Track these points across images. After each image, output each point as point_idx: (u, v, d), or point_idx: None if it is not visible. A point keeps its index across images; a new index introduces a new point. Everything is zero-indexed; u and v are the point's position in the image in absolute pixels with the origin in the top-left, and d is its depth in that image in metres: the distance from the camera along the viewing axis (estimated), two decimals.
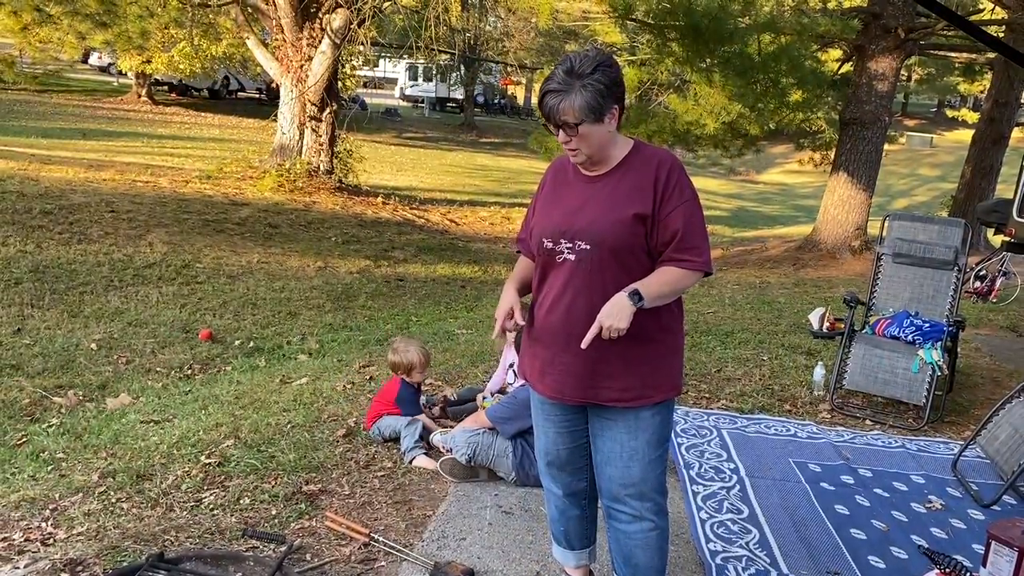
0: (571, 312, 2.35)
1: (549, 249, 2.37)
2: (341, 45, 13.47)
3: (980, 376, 5.99)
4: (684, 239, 2.28)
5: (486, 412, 3.76)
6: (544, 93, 2.24)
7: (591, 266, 2.31)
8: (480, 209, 16.62)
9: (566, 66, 2.22)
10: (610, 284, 2.28)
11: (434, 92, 41.14)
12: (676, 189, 2.29)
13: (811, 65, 10.78)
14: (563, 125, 2.24)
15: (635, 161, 2.34)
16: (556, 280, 2.39)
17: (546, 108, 2.24)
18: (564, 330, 2.37)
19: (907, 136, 38.56)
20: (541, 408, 2.60)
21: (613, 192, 2.32)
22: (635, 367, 2.36)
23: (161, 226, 9.89)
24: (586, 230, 2.30)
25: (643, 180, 2.30)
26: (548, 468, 2.67)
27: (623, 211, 2.28)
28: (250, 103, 29.88)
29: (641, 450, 2.42)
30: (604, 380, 2.37)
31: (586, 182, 2.38)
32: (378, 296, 9.07)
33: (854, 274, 10.47)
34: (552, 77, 2.23)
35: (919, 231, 5.46)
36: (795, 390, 5.30)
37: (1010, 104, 13.41)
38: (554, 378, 2.44)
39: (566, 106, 2.20)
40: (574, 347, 2.33)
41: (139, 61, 22.10)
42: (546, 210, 2.45)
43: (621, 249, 2.29)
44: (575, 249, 2.32)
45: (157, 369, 6.25)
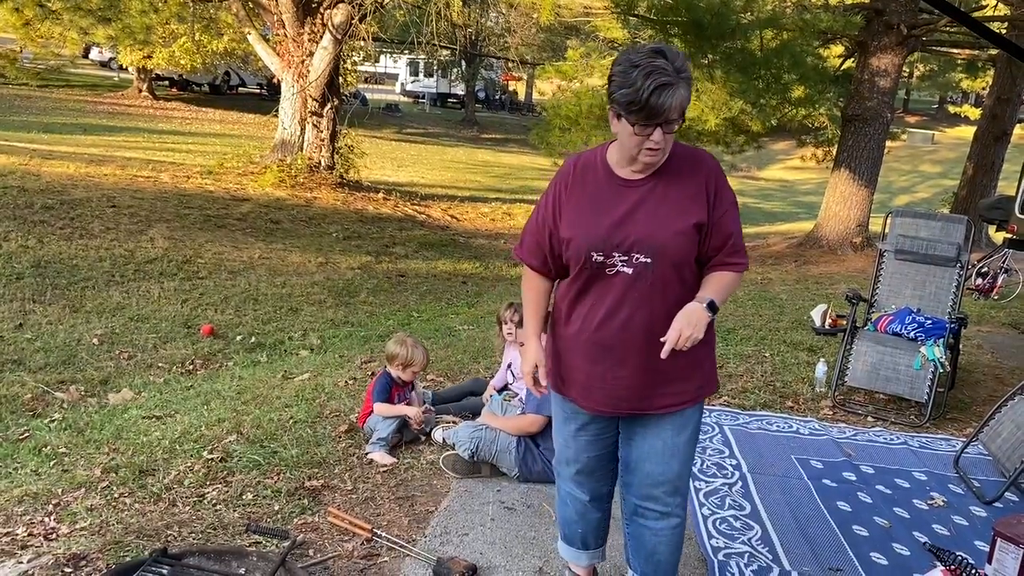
0: (628, 327, 2.24)
1: (599, 263, 2.22)
2: (342, 40, 13.44)
3: (982, 373, 5.99)
4: (736, 242, 2.24)
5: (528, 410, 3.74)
6: (655, 87, 1.99)
7: (650, 279, 2.20)
8: (481, 205, 16.61)
9: (667, 56, 2.02)
10: (670, 296, 2.20)
11: (435, 88, 41.11)
12: (724, 191, 2.23)
13: (813, 61, 10.76)
14: (666, 122, 2.05)
15: (678, 163, 2.22)
16: (607, 294, 2.25)
17: (660, 104, 2.00)
18: (620, 345, 2.27)
19: (909, 133, 38.47)
20: (575, 420, 2.49)
21: (665, 199, 2.19)
22: (686, 372, 2.32)
23: (162, 221, 9.88)
24: (645, 242, 2.17)
25: (695, 186, 2.19)
26: (576, 476, 2.58)
27: (684, 221, 2.17)
28: (251, 99, 29.84)
29: (682, 447, 2.39)
30: (659, 388, 2.31)
31: (625, 186, 2.23)
32: (379, 292, 9.06)
33: (856, 270, 10.45)
34: (658, 69, 1.99)
35: (921, 228, 5.45)
36: (797, 387, 5.30)
37: (1012, 101, 13.38)
38: (605, 393, 2.35)
39: (678, 101, 2.02)
40: (632, 361, 2.27)
41: (140, 56, 22.07)
42: (587, 218, 2.25)
43: (681, 261, 2.20)
44: (631, 262, 2.19)
45: (159, 364, 6.25)
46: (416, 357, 4.09)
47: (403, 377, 4.11)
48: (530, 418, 3.69)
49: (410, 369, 4.10)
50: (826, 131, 14.76)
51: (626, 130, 2.10)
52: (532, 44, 30.97)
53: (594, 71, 13.07)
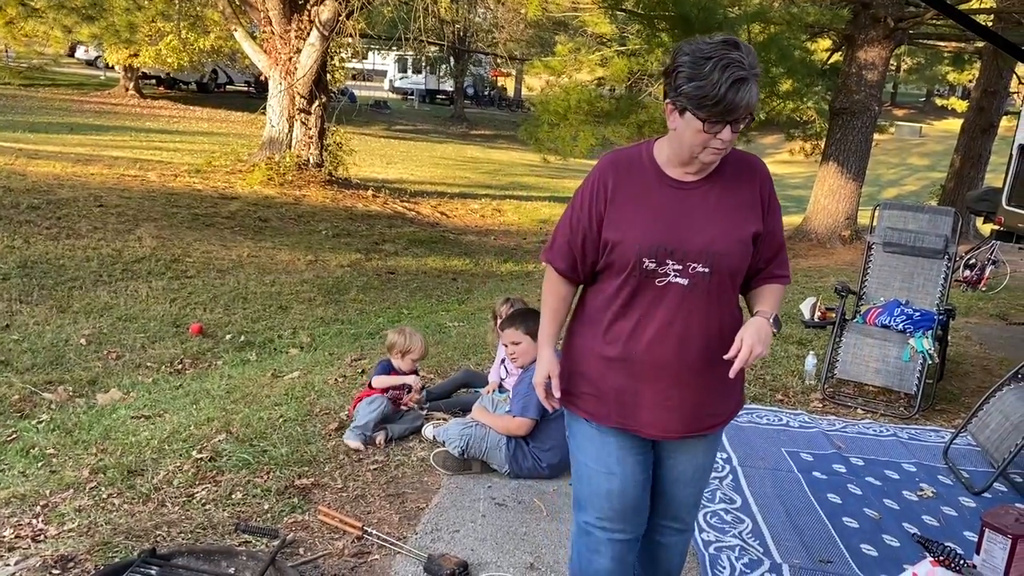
0: (685, 344, 2.04)
1: (650, 270, 2.02)
2: (330, 37, 13.38)
3: (970, 364, 6.02)
4: (783, 253, 2.16)
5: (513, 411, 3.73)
6: (733, 81, 1.83)
7: (707, 292, 2.02)
8: (471, 201, 16.59)
9: (739, 51, 1.86)
10: (725, 310, 2.06)
11: (423, 84, 40.99)
12: (775, 200, 2.12)
13: (800, 55, 10.78)
14: (736, 120, 1.90)
15: (732, 167, 2.08)
16: (656, 307, 2.05)
17: (738, 100, 1.85)
18: (678, 364, 2.06)
19: (896, 126, 38.64)
20: (615, 448, 2.18)
21: (722, 204, 2.04)
22: (734, 391, 2.21)
23: (150, 220, 9.83)
24: (704, 251, 1.99)
25: (750, 193, 2.07)
26: (616, 515, 2.22)
27: (743, 229, 2.03)
28: (239, 96, 29.70)
29: (708, 466, 2.31)
30: (709, 408, 2.16)
31: (680, 188, 2.05)
32: (369, 289, 9.04)
33: (844, 263, 10.49)
34: (735, 62, 1.84)
35: (909, 220, 5.47)
36: (787, 380, 5.31)
37: (999, 93, 13.46)
38: (657, 416, 2.12)
39: (753, 98, 1.88)
40: (687, 380, 2.08)
41: (126, 55, 21.95)
42: (638, 221, 2.05)
43: (737, 271, 2.05)
44: (686, 272, 2.00)
45: (147, 364, 6.22)
46: (415, 344, 4.19)
47: (403, 367, 4.18)
48: (517, 421, 3.66)
49: (409, 357, 4.18)
50: (814, 125, 14.81)
51: (692, 126, 1.91)
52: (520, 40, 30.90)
53: (582, 66, 13.07)
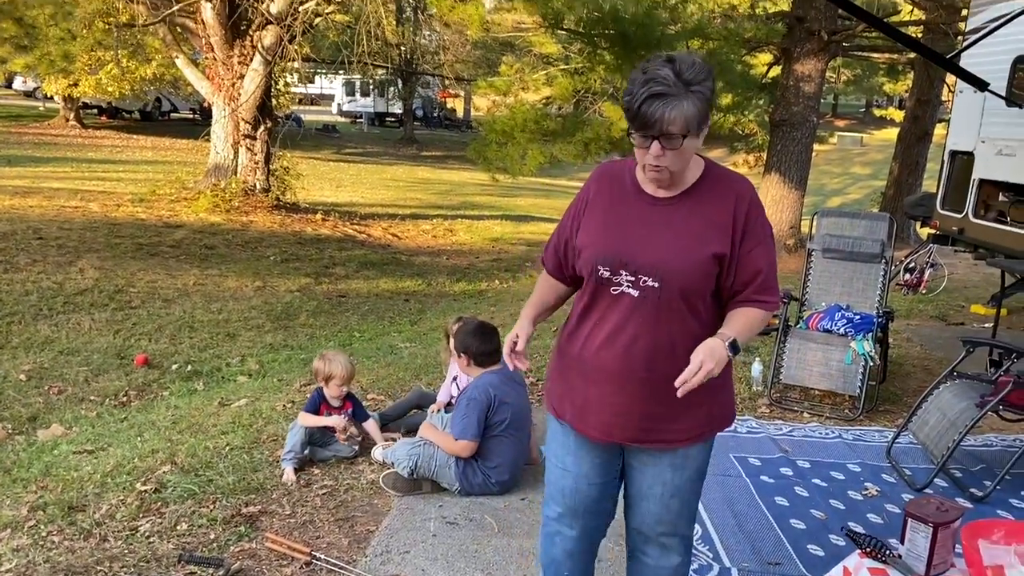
0: (631, 353, 2.09)
1: (605, 278, 2.10)
2: (273, 62, 13.32)
3: (912, 365, 6.17)
4: (766, 279, 2.09)
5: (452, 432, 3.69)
6: (647, 96, 1.88)
7: (656, 305, 2.06)
8: (422, 222, 16.57)
9: (673, 67, 1.89)
10: (676, 326, 2.07)
11: (372, 107, 40.99)
12: (757, 225, 2.08)
13: (740, 69, 11.00)
14: (666, 136, 1.91)
15: (709, 187, 2.09)
16: (610, 314, 2.12)
17: (649, 114, 1.89)
18: (622, 371, 2.12)
19: (838, 136, 39.64)
20: (574, 447, 2.29)
21: (687, 223, 2.06)
22: (695, 409, 2.14)
23: (92, 252, 9.63)
24: (655, 265, 2.04)
25: (721, 214, 2.06)
26: (568, 509, 2.36)
27: (701, 249, 2.04)
28: (184, 124, 29.34)
29: (684, 487, 2.26)
30: (660, 423, 2.15)
31: (651, 204, 2.10)
32: (320, 314, 8.96)
33: (790, 272, 10.66)
34: (656, 78, 1.88)
35: (846, 226, 5.60)
36: (734, 387, 5.37)
37: (932, 102, 13.90)
38: (601, 419, 2.19)
39: (676, 114, 1.87)
40: (630, 389, 2.12)
41: (65, 84, 21.57)
42: (602, 230, 2.14)
43: (692, 291, 2.06)
44: (638, 284, 2.06)
45: (91, 398, 6.07)
46: (335, 369, 4.04)
47: (330, 393, 4.08)
48: (460, 444, 3.62)
49: (333, 383, 4.06)
50: (756, 137, 15.13)
51: (634, 141, 2.00)
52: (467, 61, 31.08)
53: (528, 86, 13.18)
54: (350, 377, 4.13)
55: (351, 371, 4.14)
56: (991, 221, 7.33)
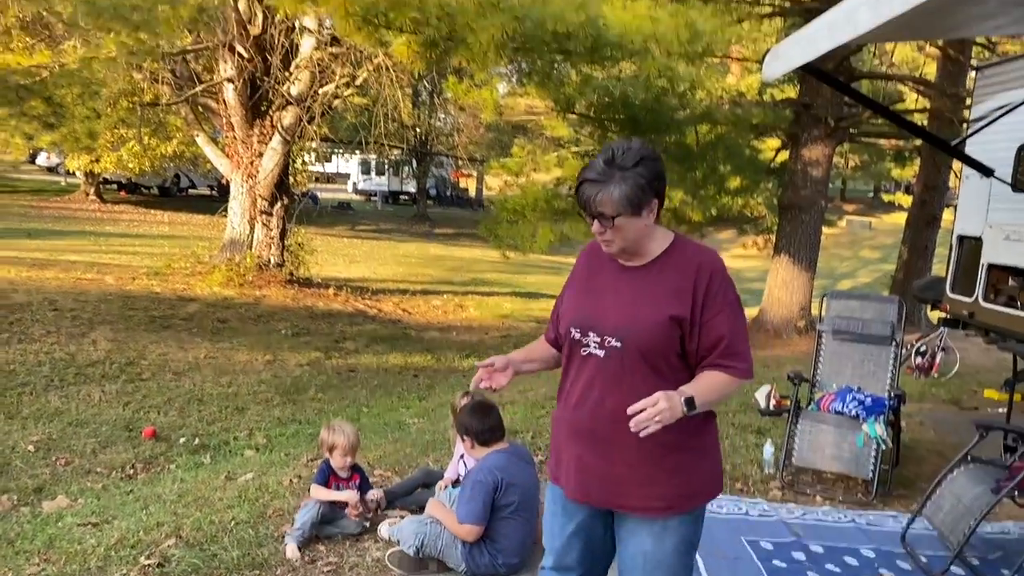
0: (598, 411, 2.23)
1: (575, 340, 2.28)
2: (292, 141, 13.65)
3: (926, 449, 6.09)
4: (730, 345, 2.19)
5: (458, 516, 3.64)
6: (581, 182, 2.17)
7: (620, 365, 2.20)
8: (433, 298, 16.67)
9: (607, 155, 2.15)
10: (640, 386, 2.14)
11: (387, 185, 41.72)
12: (720, 294, 2.20)
13: (748, 153, 11.21)
14: (599, 216, 2.16)
15: (674, 258, 2.25)
16: (581, 374, 2.29)
17: (582, 197, 2.17)
18: (592, 430, 2.25)
19: (848, 220, 39.98)
20: (562, 506, 2.41)
21: (649, 289, 2.22)
22: (666, 476, 2.23)
23: (106, 323, 9.71)
24: (617, 327, 2.20)
25: (683, 281, 2.20)
26: (556, 570, 2.47)
27: (659, 312, 2.18)
28: (202, 200, 29.88)
29: (667, 560, 2.28)
30: (633, 487, 2.24)
31: (620, 272, 2.29)
32: (329, 388, 8.95)
33: (802, 353, 10.64)
34: (591, 166, 2.16)
35: (856, 309, 5.62)
36: (746, 469, 5.32)
37: (939, 187, 14.05)
38: (580, 479, 2.31)
39: (604, 197, 2.13)
40: (601, 449, 2.24)
41: (87, 160, 22.09)
42: (577, 297, 2.36)
43: (652, 352, 2.18)
44: (603, 345, 2.22)
45: (97, 470, 6.05)
46: (338, 439, 4.05)
47: (336, 463, 4.07)
48: (465, 529, 3.56)
49: (337, 452, 4.05)
50: (765, 219, 15.27)
51: None
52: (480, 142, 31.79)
53: (539, 166, 13.45)
54: (354, 446, 4.12)
55: (355, 440, 4.13)
56: (1001, 305, 7.32)
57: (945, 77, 13.38)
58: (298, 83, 13.12)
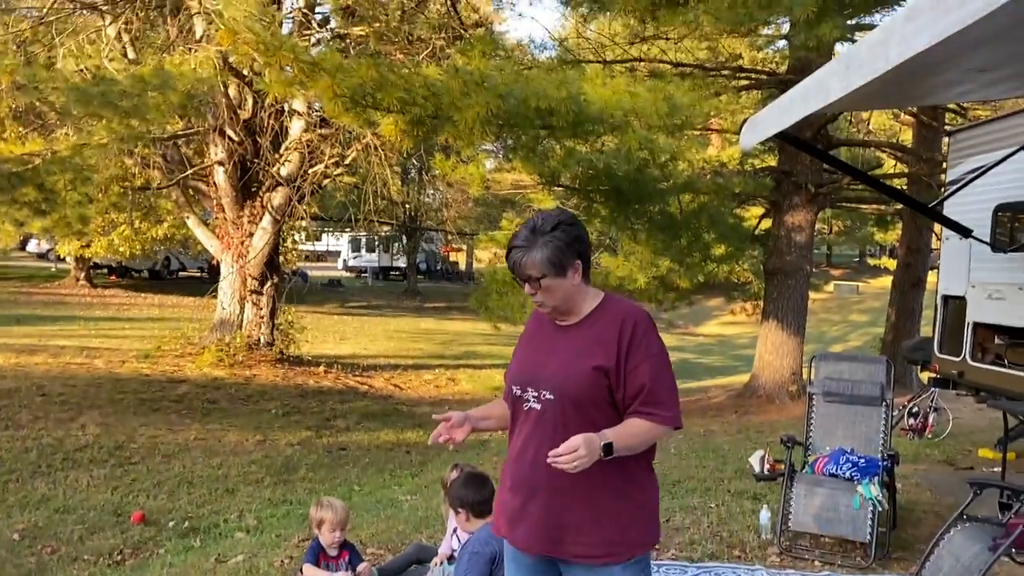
0: (536, 462, 2.32)
1: (517, 396, 2.44)
2: (282, 221, 13.80)
3: (923, 511, 6.04)
4: (651, 393, 2.31)
5: None
6: (509, 249, 2.38)
7: (555, 417, 2.34)
8: (425, 372, 16.61)
9: (530, 225, 2.37)
10: (573, 436, 2.22)
11: (377, 262, 41.91)
12: (643, 344, 2.34)
13: (731, 221, 11.38)
14: (528, 279, 2.36)
15: (603, 314, 2.42)
16: (523, 428, 2.43)
17: (511, 263, 2.38)
18: (532, 481, 2.38)
19: (835, 285, 40.32)
20: (514, 559, 2.54)
21: (579, 344, 2.39)
22: (603, 522, 2.34)
23: (94, 408, 9.64)
24: (549, 380, 2.37)
25: (607, 333, 2.36)
26: None
27: (584, 363, 2.34)
28: (192, 282, 29.90)
29: None
30: (572, 535, 2.35)
31: (557, 331, 2.47)
32: (319, 467, 8.85)
33: (795, 417, 10.60)
34: (517, 235, 2.38)
35: (845, 370, 5.65)
36: (743, 535, 5.26)
37: (922, 249, 14.24)
38: (524, 530, 2.42)
39: (528, 260, 2.33)
40: (540, 498, 2.36)
41: (78, 246, 22.17)
42: (521, 356, 2.55)
43: (582, 401, 2.33)
44: (540, 399, 2.37)
45: (85, 557, 5.93)
46: (325, 515, 4.00)
47: (324, 540, 4.02)
48: None
49: (325, 528, 4.00)
50: (752, 285, 15.42)
51: None
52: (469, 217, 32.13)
53: None
54: (343, 521, 4.06)
55: (344, 515, 4.08)
56: (989, 364, 7.37)
57: (920, 143, 13.72)
58: (288, 164, 13.34)
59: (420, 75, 6.80)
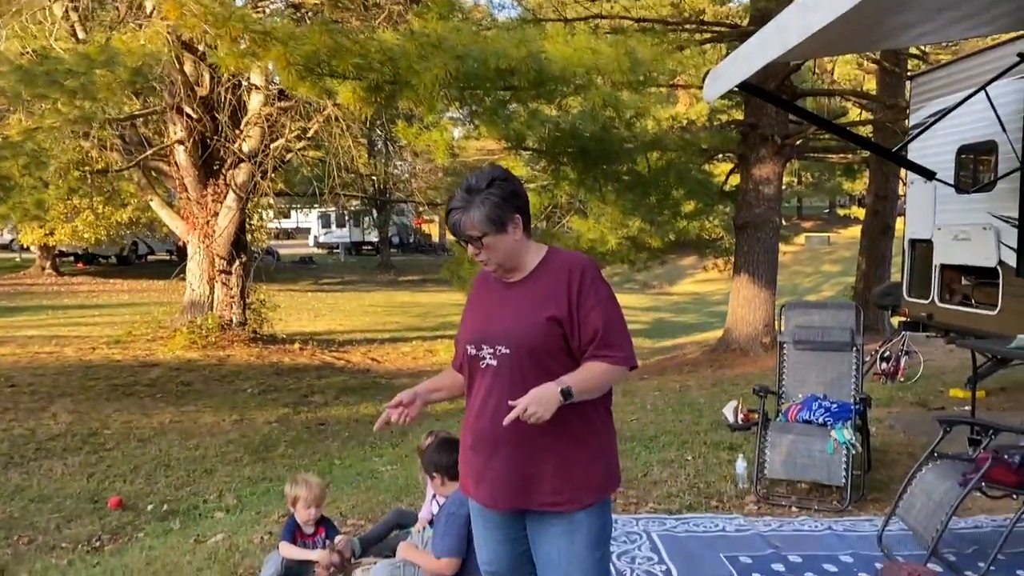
0: (497, 417, 2.33)
1: (472, 355, 2.44)
2: (246, 198, 13.60)
3: (897, 452, 6.12)
4: (605, 336, 2.35)
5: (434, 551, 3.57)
6: (448, 212, 2.38)
7: (512, 370, 2.36)
8: (402, 345, 16.56)
9: (465, 185, 2.37)
10: (532, 387, 2.28)
11: (348, 237, 41.61)
12: (591, 291, 2.37)
13: (699, 177, 11.37)
14: (470, 239, 2.36)
15: (549, 266, 2.44)
16: (481, 386, 2.43)
17: (451, 226, 2.38)
18: (492, 435, 2.38)
19: (806, 237, 40.64)
20: (481, 517, 2.55)
21: (528, 296, 2.40)
22: (565, 470, 2.37)
23: (65, 395, 9.52)
24: (504, 334, 2.37)
25: (556, 285, 2.38)
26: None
27: (537, 314, 2.35)
28: (161, 265, 29.49)
29: (580, 554, 2.39)
30: (535, 484, 2.37)
31: (505, 288, 2.47)
32: (298, 443, 8.81)
33: (768, 369, 10.67)
34: (454, 196, 2.39)
35: (815, 317, 5.67)
36: (721, 485, 5.30)
37: (889, 196, 14.35)
38: (488, 485, 2.44)
39: (467, 221, 2.33)
40: (503, 452, 2.37)
41: (41, 234, 21.78)
42: (469, 318, 2.55)
43: (539, 351, 2.34)
44: (496, 354, 2.38)
45: (62, 545, 5.87)
46: (300, 492, 3.95)
47: (301, 517, 3.97)
48: (442, 563, 3.51)
49: (300, 505, 3.96)
50: (723, 241, 15.49)
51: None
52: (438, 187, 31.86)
53: None
54: (318, 499, 4.01)
55: (319, 492, 4.02)
56: (957, 304, 7.46)
57: (884, 90, 13.77)
58: (249, 140, 13.13)
59: (375, 40, 6.67)
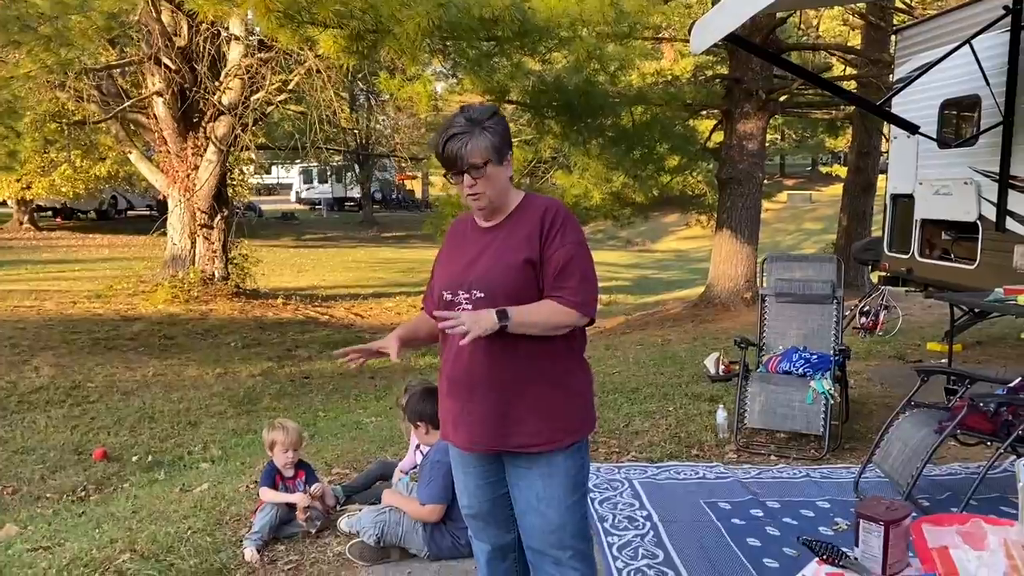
0: (473, 361, 2.35)
1: (448, 301, 2.40)
2: (227, 151, 13.43)
3: (874, 404, 6.23)
4: (561, 276, 2.32)
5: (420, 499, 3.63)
6: (447, 139, 2.26)
7: None
8: (386, 300, 16.56)
9: (466, 114, 2.30)
10: (507, 333, 2.28)
11: (331, 193, 41.25)
12: (560, 233, 2.33)
13: (683, 131, 11.33)
14: (469, 168, 2.27)
15: (525, 210, 2.41)
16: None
17: (451, 153, 2.26)
18: (468, 379, 2.38)
19: (788, 195, 40.71)
20: (460, 461, 2.56)
21: (506, 240, 2.37)
22: (542, 411, 2.37)
23: (47, 349, 9.47)
24: (481, 278, 2.35)
25: (530, 227, 2.35)
26: (473, 521, 2.64)
27: (514, 257, 2.33)
28: (141, 220, 29.16)
29: (557, 496, 2.41)
30: (513, 426, 2.37)
31: (482, 233, 2.44)
32: (283, 396, 8.84)
33: (749, 323, 10.74)
34: (453, 124, 2.28)
35: (796, 270, 5.73)
36: (701, 435, 5.39)
37: (871, 153, 14.38)
38: (466, 429, 2.43)
39: (473, 147, 2.25)
40: (479, 395, 2.37)
41: (18, 188, 21.44)
42: (445, 265, 2.51)
43: (514, 295, 2.31)
44: (472, 299, 2.35)
45: (47, 495, 5.89)
46: (277, 436, 3.99)
47: (279, 461, 4.01)
48: (427, 509, 3.56)
49: (278, 449, 3.99)
50: (706, 197, 15.48)
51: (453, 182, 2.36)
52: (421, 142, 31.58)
53: None
54: (294, 443, 4.04)
55: (295, 436, 4.05)
56: (937, 259, 7.54)
57: (869, 44, 13.70)
58: (229, 92, 12.91)
59: None
